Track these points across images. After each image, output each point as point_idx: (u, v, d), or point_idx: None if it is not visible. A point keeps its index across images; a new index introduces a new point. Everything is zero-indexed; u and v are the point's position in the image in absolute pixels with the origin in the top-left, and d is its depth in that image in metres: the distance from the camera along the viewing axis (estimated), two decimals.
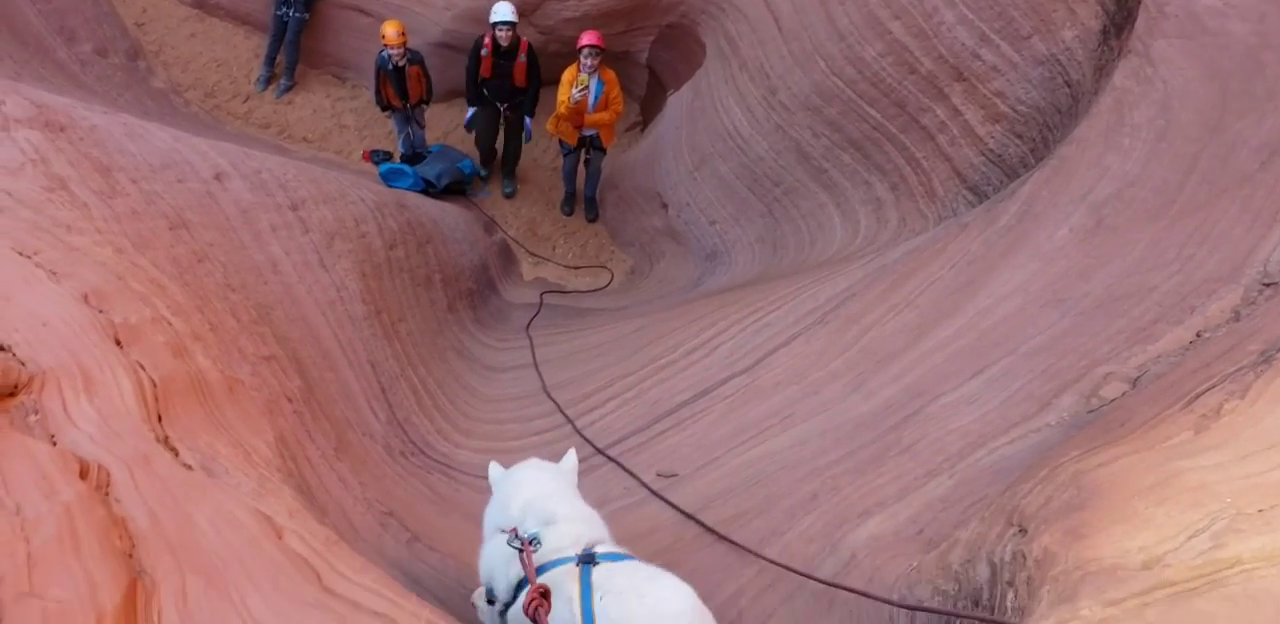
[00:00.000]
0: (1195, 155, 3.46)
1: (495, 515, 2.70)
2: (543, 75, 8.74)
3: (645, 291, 8.06)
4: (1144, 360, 2.74)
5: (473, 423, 5.13)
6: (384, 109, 9.03)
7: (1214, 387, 2.19)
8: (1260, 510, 1.72)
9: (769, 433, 3.55)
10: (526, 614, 2.03)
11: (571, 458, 2.93)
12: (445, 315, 6.50)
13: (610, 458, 4.01)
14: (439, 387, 5.43)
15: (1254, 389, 2.10)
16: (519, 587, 2.40)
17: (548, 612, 2.02)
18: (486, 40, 8.32)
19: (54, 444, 2.15)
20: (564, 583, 2.23)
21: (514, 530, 2.48)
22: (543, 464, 2.87)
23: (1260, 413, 2.03)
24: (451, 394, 5.49)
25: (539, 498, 2.62)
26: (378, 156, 9.46)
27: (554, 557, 2.39)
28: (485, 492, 3.01)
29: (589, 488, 3.89)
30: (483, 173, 9.49)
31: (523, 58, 8.43)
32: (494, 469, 2.94)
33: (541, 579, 2.21)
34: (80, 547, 1.78)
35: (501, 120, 9.00)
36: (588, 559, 2.31)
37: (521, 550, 2.34)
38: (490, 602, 2.57)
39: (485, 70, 8.50)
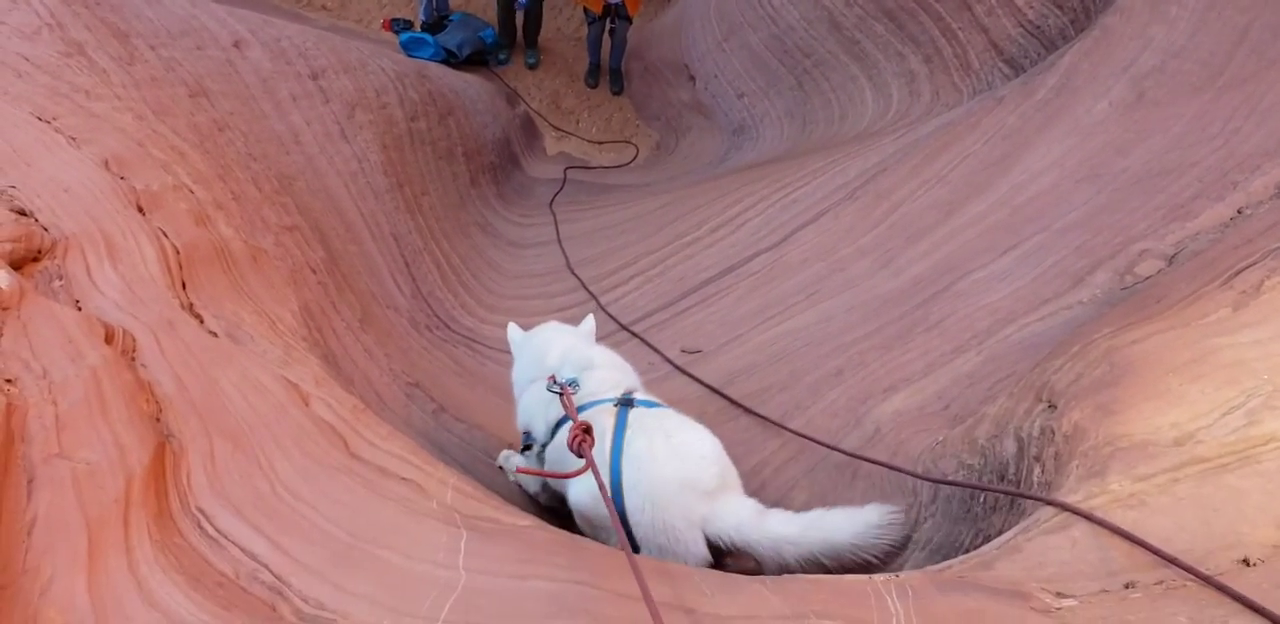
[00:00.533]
0: (1246, 25, 3.29)
1: (528, 369, 2.81)
2: None
3: (671, 167, 7.92)
4: (1181, 237, 2.66)
5: (496, 298, 5.12)
6: None
7: (1255, 263, 2.12)
8: None
9: (794, 309, 3.53)
10: (570, 449, 2.07)
11: (590, 322, 2.99)
12: (468, 190, 6.42)
13: (634, 333, 4.01)
14: (463, 262, 5.41)
15: None
16: (557, 427, 2.53)
17: (591, 446, 2.05)
18: None
19: (79, 309, 2.15)
20: (598, 420, 2.31)
21: (553, 377, 2.57)
22: (563, 325, 2.97)
23: None
24: (475, 269, 5.47)
25: (574, 347, 2.74)
26: (398, 25, 9.21)
27: (590, 399, 2.50)
28: (509, 366, 3.09)
29: None
30: (503, 56, 9.21)
31: None
32: (514, 330, 3.00)
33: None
34: (108, 410, 1.78)
35: None
36: (626, 402, 2.42)
37: (561, 394, 2.44)
38: (527, 447, 2.68)
39: None
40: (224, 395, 2.03)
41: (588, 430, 2.10)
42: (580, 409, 2.40)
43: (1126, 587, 1.40)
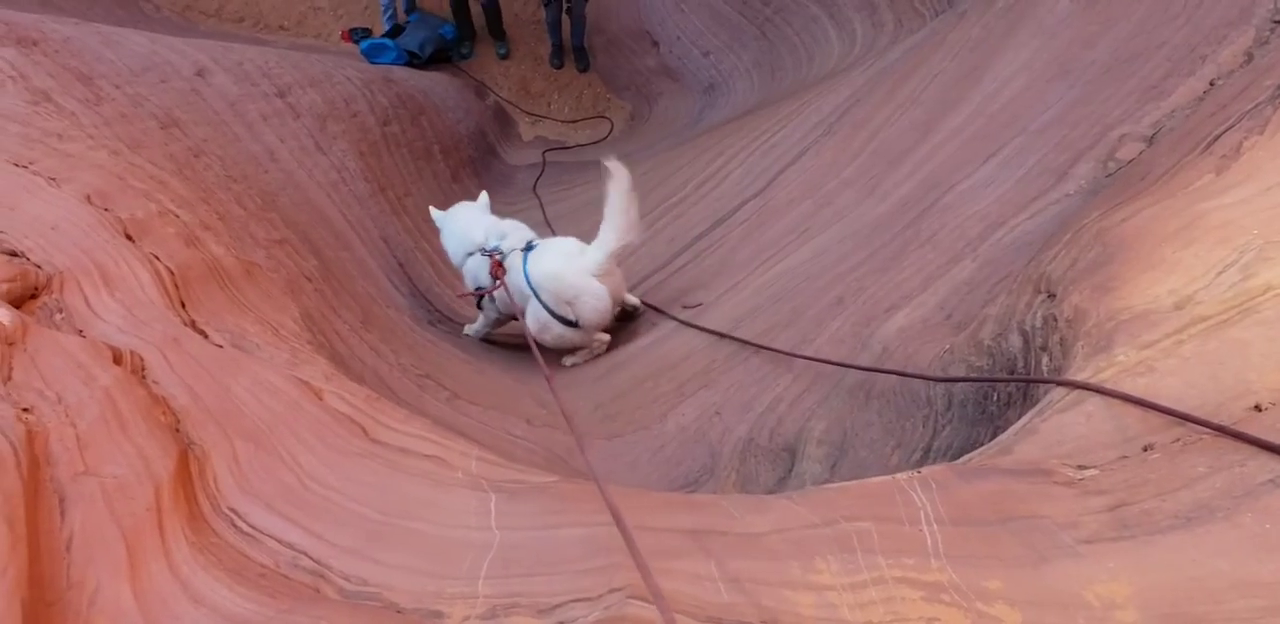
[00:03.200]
0: None
1: (460, 241, 4.23)
2: None
3: (648, 135, 7.89)
4: (1158, 117, 2.64)
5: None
6: None
7: (1232, 127, 2.11)
8: None
9: (788, 249, 3.53)
10: (490, 273, 3.90)
11: (484, 196, 4.46)
12: (450, 186, 6.44)
13: (646, 303, 4.02)
14: None
15: (1273, 122, 2.02)
16: (495, 279, 3.94)
17: (505, 272, 3.86)
18: None
19: (83, 337, 2.18)
20: (515, 261, 3.88)
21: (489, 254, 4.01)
22: (470, 204, 4.40)
23: None
24: (448, 290, 5.50)
25: (492, 224, 4.19)
26: (357, 35, 9.21)
27: (510, 250, 3.97)
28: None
29: (617, 329, 3.95)
30: (465, 50, 9.17)
31: None
32: (435, 212, 4.42)
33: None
34: (126, 425, 1.81)
35: None
36: (528, 247, 3.94)
37: (488, 256, 3.98)
38: (481, 297, 4.08)
39: None
40: (238, 400, 2.05)
41: (500, 263, 3.90)
42: (505, 258, 3.96)
43: (1145, 450, 1.41)
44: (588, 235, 4.52)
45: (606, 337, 3.89)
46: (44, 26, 4.17)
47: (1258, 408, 1.39)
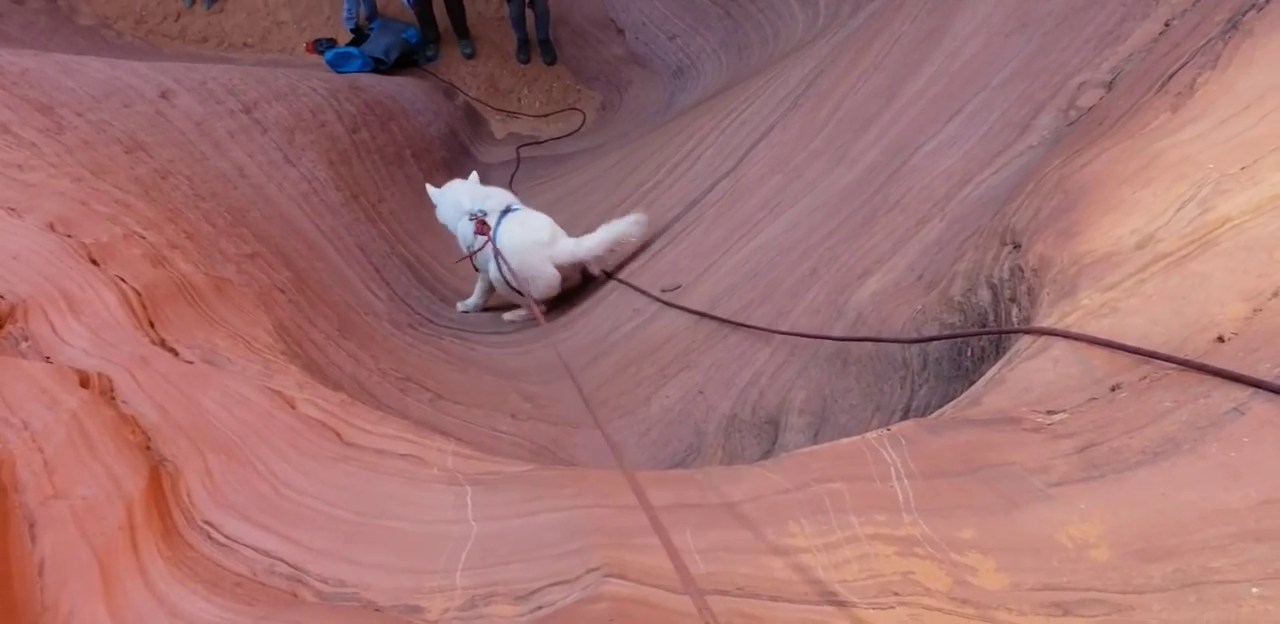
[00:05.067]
0: None
1: (453, 210, 4.68)
2: None
3: (620, 124, 7.87)
4: (1116, 62, 2.62)
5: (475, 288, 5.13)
6: None
7: (1185, 64, 2.09)
8: (1243, 168, 1.66)
9: (760, 225, 3.50)
10: (475, 232, 4.41)
11: (474, 175, 4.92)
12: (423, 189, 6.40)
13: (622, 281, 4.01)
14: (434, 258, 5.43)
15: (1224, 56, 1.99)
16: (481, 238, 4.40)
17: (488, 230, 4.35)
18: None
19: (49, 363, 2.16)
20: (492, 222, 4.40)
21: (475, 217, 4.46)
22: (462, 181, 4.84)
23: (1232, 78, 1.94)
24: (448, 264, 5.48)
25: (478, 194, 4.66)
26: (322, 45, 9.17)
27: (491, 217, 4.43)
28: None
29: (601, 317, 3.94)
30: (430, 52, 9.13)
31: None
32: (430, 188, 4.88)
33: None
34: (94, 447, 1.79)
35: None
36: (506, 210, 4.46)
37: (475, 220, 4.43)
38: (472, 259, 4.56)
39: None
40: (209, 414, 2.03)
41: (484, 222, 4.40)
42: (486, 220, 4.43)
43: (1113, 390, 1.39)
44: (565, 225, 4.51)
45: (543, 307, 4.50)
46: (0, 60, 4.15)
47: (1220, 339, 1.37)
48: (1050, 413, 1.39)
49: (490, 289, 4.70)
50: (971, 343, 1.95)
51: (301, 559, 1.58)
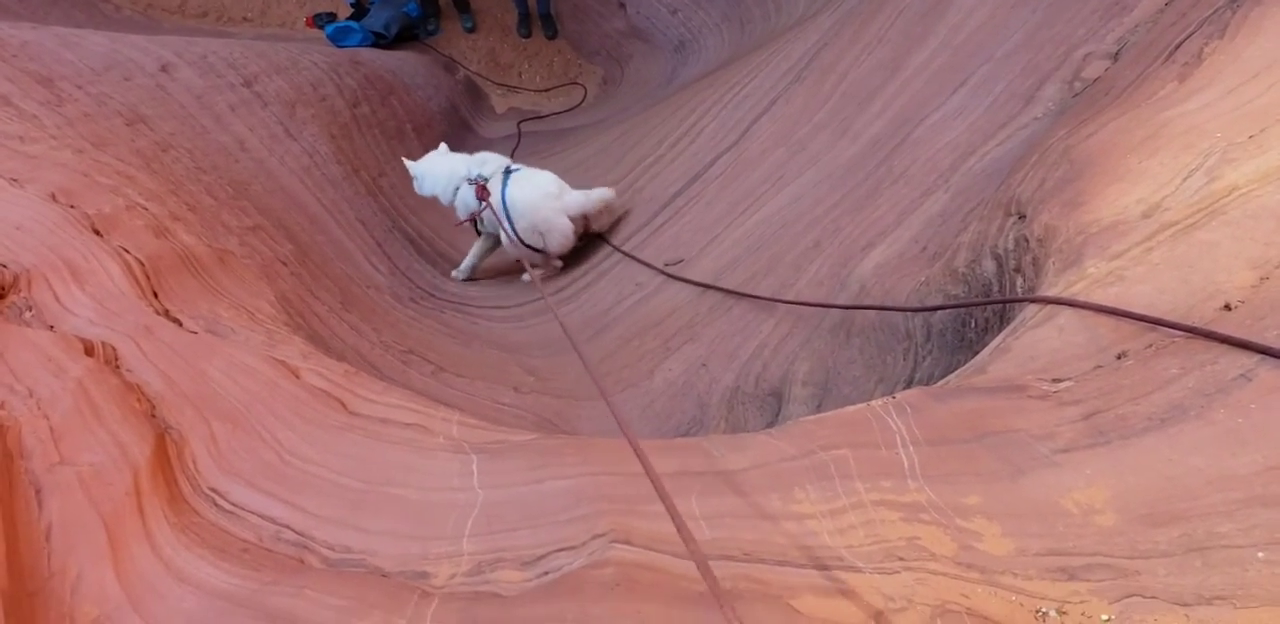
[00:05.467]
0: None
1: (443, 181, 4.75)
2: None
3: (621, 99, 7.82)
4: (1122, 33, 2.60)
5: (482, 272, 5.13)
6: None
7: (1192, 34, 2.08)
8: (1250, 136, 1.65)
9: (764, 198, 3.49)
10: (476, 196, 4.50)
11: (443, 146, 4.99)
12: None
13: (625, 253, 4.01)
14: (435, 233, 5.42)
15: (1232, 25, 1.98)
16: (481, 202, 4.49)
17: (488, 194, 4.42)
18: None
19: (54, 332, 2.16)
20: (496, 185, 4.48)
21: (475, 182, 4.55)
22: (436, 152, 4.96)
23: (1240, 47, 1.92)
24: (450, 238, 5.47)
25: (471, 160, 4.75)
26: (322, 20, 9.09)
27: (493, 181, 4.51)
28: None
29: (604, 291, 3.94)
30: (431, 27, 9.06)
31: None
32: (409, 163, 4.99)
33: None
34: (100, 414, 1.79)
35: None
36: (507, 172, 4.52)
37: (474, 184, 4.52)
38: (473, 220, 4.68)
39: None
40: (214, 383, 2.03)
41: (485, 187, 4.47)
42: (488, 182, 4.53)
43: (1119, 358, 1.40)
44: None
45: (560, 262, 4.69)
46: (0, 33, 4.12)
47: (1227, 307, 1.37)
48: (1056, 381, 1.40)
49: (484, 252, 4.82)
50: (975, 314, 1.95)
51: (308, 526, 1.58)
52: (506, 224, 4.38)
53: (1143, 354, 1.37)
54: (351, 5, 9.00)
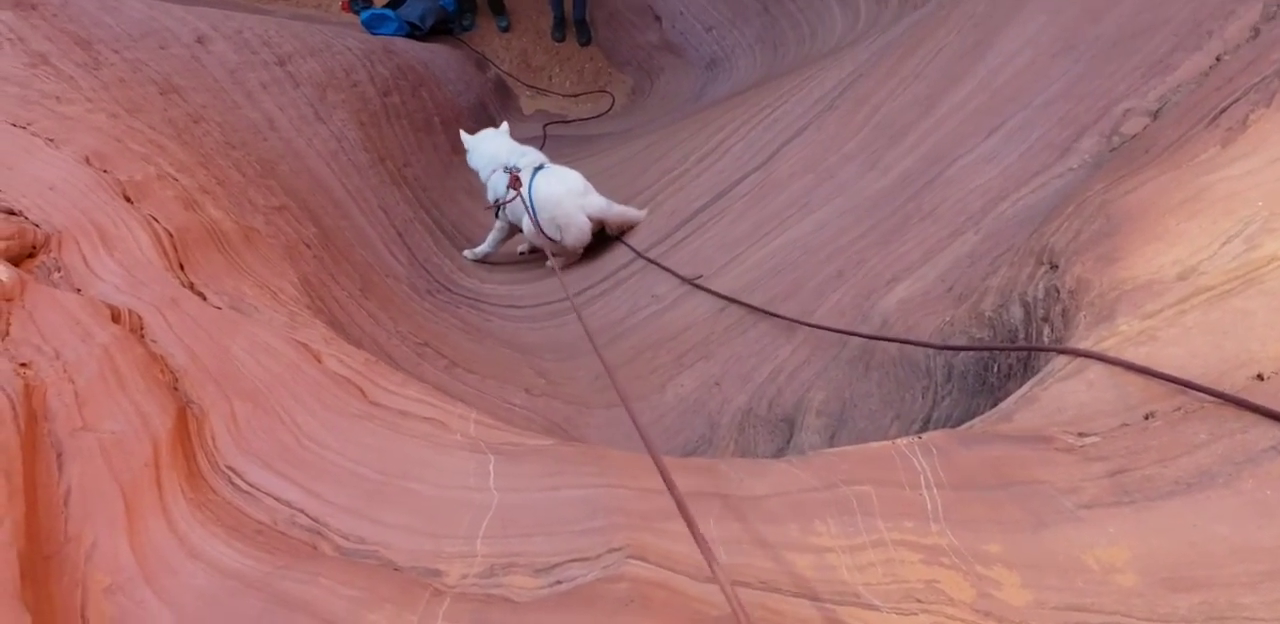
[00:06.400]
0: None
1: (487, 160, 5.01)
2: None
3: (649, 110, 7.86)
4: (1164, 92, 2.63)
5: (494, 257, 5.15)
6: None
7: (1238, 100, 2.10)
8: None
9: (788, 222, 3.51)
10: (509, 185, 4.70)
11: (505, 124, 5.32)
12: (450, 157, 6.41)
13: (649, 259, 4.03)
14: (455, 227, 5.44)
15: (1279, 96, 2.01)
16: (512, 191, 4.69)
17: (520, 184, 4.63)
18: None
19: (81, 295, 2.17)
20: (525, 176, 4.67)
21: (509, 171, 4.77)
22: (494, 131, 5.22)
23: None
24: (469, 233, 5.50)
25: (514, 149, 4.96)
26: (357, 5, 9.11)
27: (525, 173, 4.71)
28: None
29: (619, 301, 3.95)
30: (466, 22, 9.09)
31: None
32: (465, 135, 5.23)
33: None
34: (125, 383, 1.80)
35: None
36: (539, 168, 4.75)
37: (509, 173, 4.72)
38: (499, 208, 4.91)
39: None
40: (237, 361, 2.05)
41: (517, 177, 4.66)
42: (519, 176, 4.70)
43: (1146, 417, 1.41)
44: None
45: (580, 251, 4.89)
46: None
47: (1260, 377, 1.39)
48: (1082, 435, 1.41)
49: (500, 239, 5.10)
50: (999, 359, 1.97)
51: (323, 512, 1.59)
52: (530, 214, 4.60)
53: (1171, 416, 1.38)
54: None
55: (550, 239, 4.61)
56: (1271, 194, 1.73)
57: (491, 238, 5.08)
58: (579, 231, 4.61)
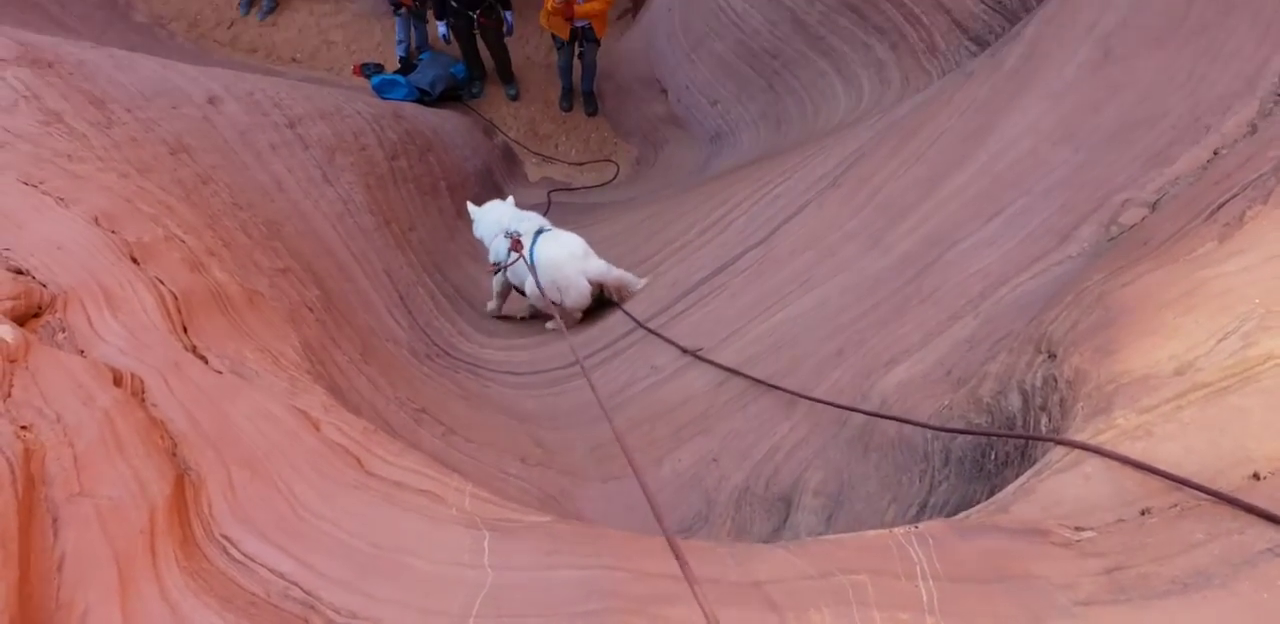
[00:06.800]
0: None
1: (491, 227, 5.20)
2: None
3: (652, 180, 7.98)
4: (1162, 184, 2.68)
5: (494, 324, 5.18)
6: (396, 9, 8.85)
7: (1235, 196, 2.15)
8: None
9: (789, 298, 3.55)
10: (510, 248, 4.83)
11: (511, 198, 5.47)
12: (454, 222, 6.48)
13: (650, 329, 4.05)
14: (457, 291, 5.47)
15: (1276, 193, 2.05)
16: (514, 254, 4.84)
17: (522, 248, 4.79)
18: None
19: (84, 357, 2.18)
20: (526, 241, 4.84)
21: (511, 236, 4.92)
22: (501, 202, 5.38)
23: None
24: (470, 297, 5.53)
25: (516, 215, 5.16)
26: (369, 70, 9.32)
27: (526, 237, 4.88)
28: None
29: (617, 371, 3.96)
30: (475, 89, 9.27)
31: None
32: (471, 207, 5.45)
33: None
34: (124, 447, 1.81)
35: (477, 27, 8.63)
36: (539, 232, 4.91)
37: (510, 238, 4.89)
38: (499, 269, 5.07)
39: None
40: (236, 427, 2.05)
41: (518, 242, 4.82)
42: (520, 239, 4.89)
43: (1143, 513, 1.42)
44: None
45: (579, 314, 4.99)
46: (60, 49, 4.22)
47: (1256, 476, 1.39)
48: (1079, 529, 1.41)
49: (502, 291, 5.35)
50: (997, 446, 1.98)
51: (316, 586, 1.58)
52: (532, 277, 4.75)
53: (1168, 513, 1.39)
54: (400, 59, 9.23)
55: (552, 302, 4.71)
56: (1268, 291, 1.76)
57: (495, 292, 5.34)
58: (579, 294, 4.75)
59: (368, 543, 1.70)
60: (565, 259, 4.75)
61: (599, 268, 4.77)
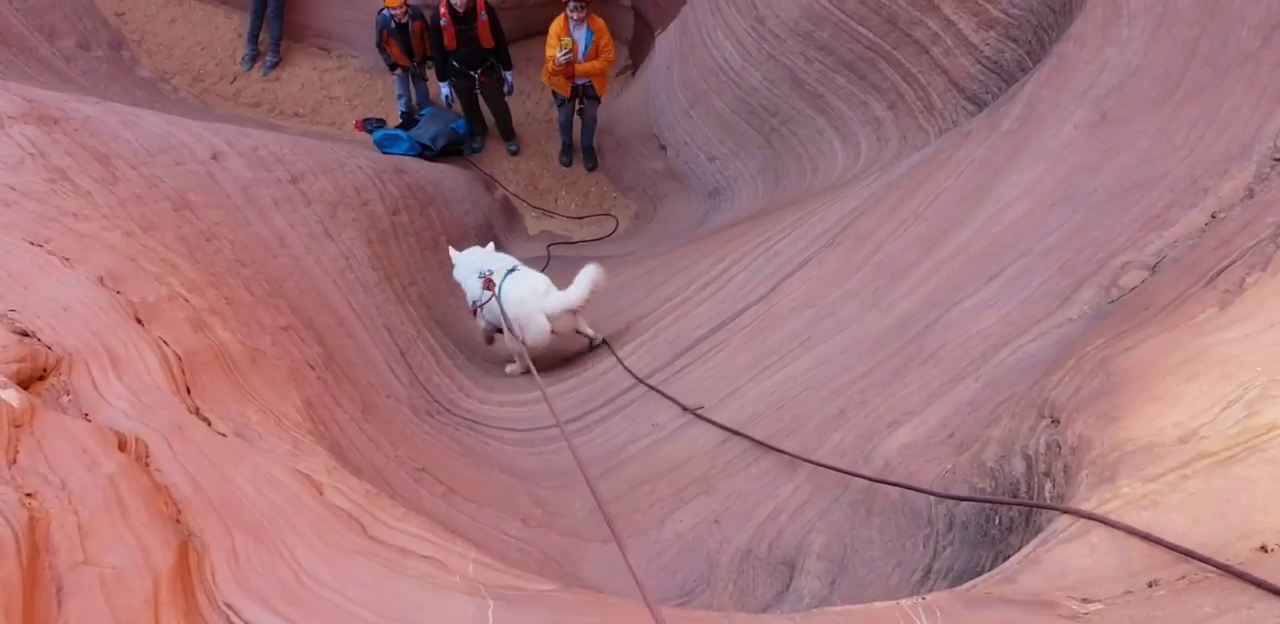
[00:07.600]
0: (1195, 39, 3.40)
1: (469, 270, 5.39)
2: (528, 24, 8.56)
3: (651, 235, 8.04)
4: (1161, 246, 2.72)
5: (494, 379, 5.18)
6: (392, 69, 8.98)
7: (1234, 262, 2.18)
8: None
9: (790, 357, 3.56)
10: (483, 288, 5.14)
11: (491, 246, 5.74)
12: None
13: (651, 386, 4.04)
14: (457, 346, 5.48)
15: (1275, 260, 2.08)
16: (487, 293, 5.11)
17: (494, 286, 5.08)
18: (443, 9, 8.01)
19: (89, 421, 2.18)
20: (498, 280, 5.11)
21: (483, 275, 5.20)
22: (479, 247, 5.65)
23: None
24: (470, 353, 5.53)
25: (491, 257, 5.42)
26: (371, 125, 9.43)
27: (497, 275, 5.16)
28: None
29: (618, 428, 3.95)
30: (476, 144, 9.38)
31: (484, 16, 8.11)
32: (453, 251, 5.71)
33: None
34: (128, 514, 1.80)
35: (479, 87, 8.75)
36: (511, 270, 5.21)
37: (482, 278, 5.18)
38: (475, 309, 5.33)
39: (449, 41, 8.23)
40: (240, 492, 2.05)
41: (490, 281, 5.11)
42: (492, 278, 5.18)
43: (1150, 585, 1.41)
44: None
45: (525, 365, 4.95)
46: (65, 105, 4.27)
47: (1264, 549, 1.40)
48: (1086, 601, 1.41)
49: (490, 337, 5.63)
50: (1001, 511, 1.97)
51: None
52: (503, 316, 4.99)
53: (1175, 585, 1.39)
54: (402, 115, 9.35)
55: (517, 338, 4.94)
56: (1270, 359, 1.77)
57: (515, 363, 5.36)
58: (537, 330, 4.97)
59: (371, 612, 1.69)
60: (528, 296, 5.00)
61: (556, 301, 4.97)
